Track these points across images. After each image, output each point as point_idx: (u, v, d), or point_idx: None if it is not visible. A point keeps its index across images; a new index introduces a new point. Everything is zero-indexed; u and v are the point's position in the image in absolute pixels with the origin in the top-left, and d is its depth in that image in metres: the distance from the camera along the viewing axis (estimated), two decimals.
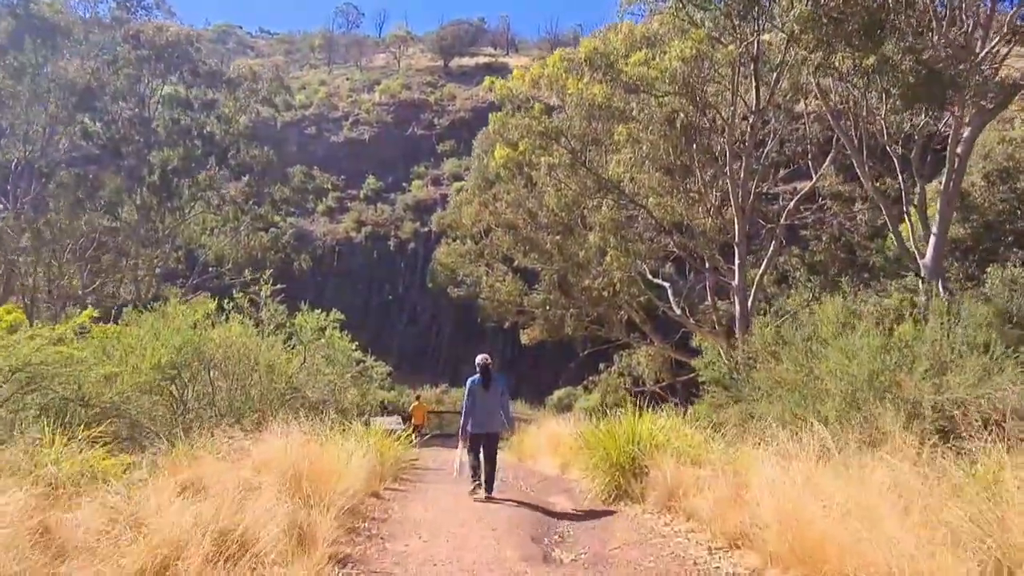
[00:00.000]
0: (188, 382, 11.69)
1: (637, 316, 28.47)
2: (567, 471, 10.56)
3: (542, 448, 12.99)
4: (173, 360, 11.16)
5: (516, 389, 42.35)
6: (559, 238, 25.02)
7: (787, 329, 14.72)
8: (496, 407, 9.27)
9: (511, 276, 28.77)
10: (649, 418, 8.21)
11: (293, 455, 6.68)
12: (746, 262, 23.25)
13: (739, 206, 22.89)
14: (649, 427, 7.88)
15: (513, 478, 11.02)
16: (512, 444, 16.54)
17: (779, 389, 13.25)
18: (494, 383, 9.31)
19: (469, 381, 9.51)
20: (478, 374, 9.37)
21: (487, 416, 9.19)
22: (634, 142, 20.56)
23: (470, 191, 27.19)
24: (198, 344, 11.66)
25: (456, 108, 57.43)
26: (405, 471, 10.30)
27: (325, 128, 57.48)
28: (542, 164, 21.84)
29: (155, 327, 11.64)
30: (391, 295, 49.40)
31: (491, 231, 27.67)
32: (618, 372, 31.75)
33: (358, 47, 72.08)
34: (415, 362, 46.75)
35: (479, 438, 9.19)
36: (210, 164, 30.74)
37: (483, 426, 9.17)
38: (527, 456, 14.09)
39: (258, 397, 11.42)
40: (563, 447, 11.03)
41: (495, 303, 28.41)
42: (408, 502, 8.12)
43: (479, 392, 9.24)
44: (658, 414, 8.98)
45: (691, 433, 8.02)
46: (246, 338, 12.17)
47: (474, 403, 9.28)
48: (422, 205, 50.84)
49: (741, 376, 15.11)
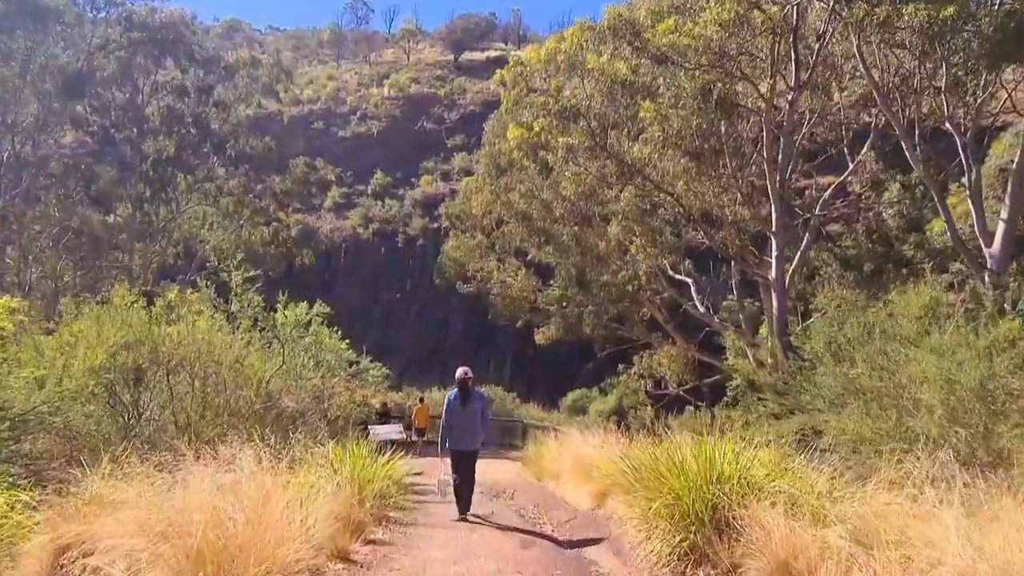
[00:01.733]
0: (140, 388, 9.50)
1: (660, 314, 26.12)
2: (604, 504, 8.27)
3: (567, 469, 10.68)
4: (117, 361, 8.98)
5: (528, 392, 40.13)
6: (577, 228, 22.71)
7: (852, 326, 12.32)
8: (475, 424, 8.74)
9: (524, 271, 26.47)
10: (732, 443, 5.91)
11: (217, 507, 4.41)
12: (783, 254, 20.86)
13: (775, 192, 20.52)
14: (735, 456, 5.58)
15: (534, 508, 8.76)
16: (529, 458, 14.27)
17: (851, 398, 10.93)
18: (472, 400, 8.79)
19: (447, 397, 8.99)
20: (456, 389, 8.81)
21: (465, 434, 8.69)
22: (662, 120, 18.22)
23: (480, 178, 24.91)
24: (152, 341, 9.46)
25: (466, 102, 55.19)
26: (398, 502, 8.03)
27: (332, 123, 55.41)
28: (560, 145, 19.53)
29: (100, 320, 9.45)
30: (399, 293, 47.23)
31: (503, 223, 25.40)
32: (638, 374, 29.34)
33: (367, 42, 70.01)
34: (424, 363, 44.52)
35: (456, 455, 8.71)
36: (206, 153, 28.60)
37: (460, 444, 8.69)
38: (548, 475, 11.81)
39: (222, 408, 9.20)
40: (597, 471, 8.76)
41: (507, 300, 26.12)
42: (395, 564, 5.81)
43: (457, 409, 8.71)
44: (727, 432, 6.66)
45: (799, 470, 5.70)
46: (212, 335, 9.95)
47: (452, 420, 8.72)
48: (431, 201, 48.63)
49: (795, 382, 12.75)
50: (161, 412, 9.38)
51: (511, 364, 43.51)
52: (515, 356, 44.08)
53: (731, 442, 5.90)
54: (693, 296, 26.47)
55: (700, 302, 26.48)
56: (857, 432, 9.97)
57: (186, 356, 9.61)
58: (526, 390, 39.85)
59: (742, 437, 14.15)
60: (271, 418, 9.70)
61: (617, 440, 10.85)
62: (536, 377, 43.08)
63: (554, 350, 40.79)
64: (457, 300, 42.74)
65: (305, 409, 10.34)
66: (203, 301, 10.89)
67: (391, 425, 16.29)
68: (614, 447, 10.09)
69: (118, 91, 28.26)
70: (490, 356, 43.95)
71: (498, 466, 16.36)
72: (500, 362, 43.83)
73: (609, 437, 11.48)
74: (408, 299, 46.99)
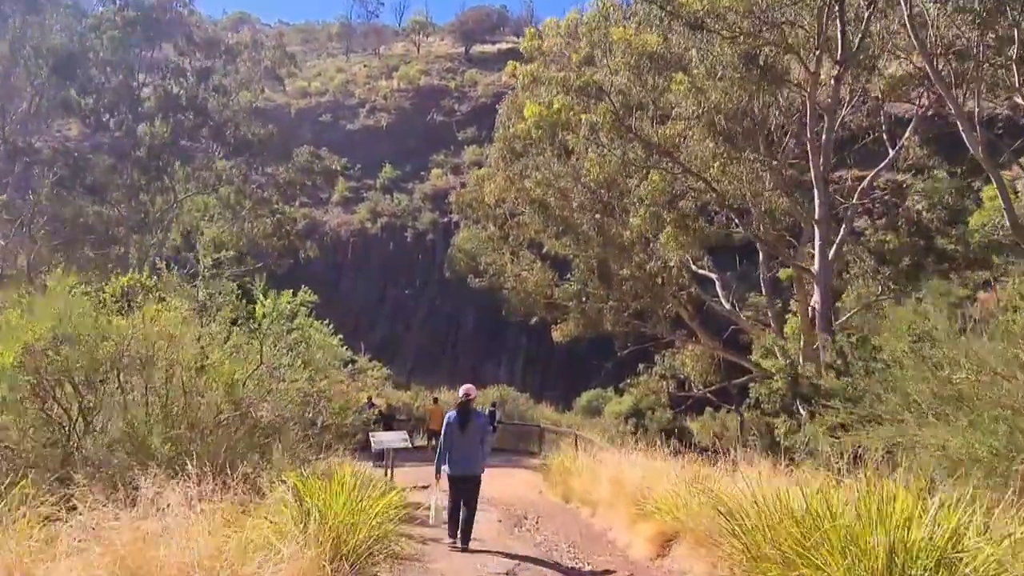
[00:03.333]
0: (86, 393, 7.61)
1: (685, 311, 24.05)
2: (669, 551, 6.24)
3: (605, 494, 8.66)
4: (47, 360, 7.08)
5: (541, 391, 38.13)
6: (598, 217, 20.69)
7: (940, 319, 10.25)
8: (475, 448, 8.01)
9: (540, 264, 24.46)
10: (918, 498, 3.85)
11: None
12: (828, 243, 18.78)
13: (820, 175, 18.47)
14: (917, 509, 3.51)
15: (570, 549, 6.78)
16: (552, 472, 12.29)
17: (951, 407, 8.91)
18: (473, 423, 8.02)
19: (447, 416, 8.24)
20: (456, 410, 8.11)
21: (464, 458, 7.94)
22: (697, 93, 16.18)
23: (493, 164, 22.92)
24: (96, 335, 7.56)
25: (478, 94, 53.19)
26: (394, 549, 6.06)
27: (341, 115, 53.53)
28: (582, 124, 17.52)
29: (28, 308, 7.54)
30: (408, 289, 45.30)
31: (517, 212, 23.40)
32: (659, 374, 27.30)
33: (377, 35, 68.17)
34: (434, 360, 42.60)
35: (455, 480, 7.96)
36: (204, 140, 26.75)
37: (460, 468, 7.93)
38: (579, 498, 9.82)
39: (178, 419, 7.27)
40: (652, 502, 6.76)
41: (522, 295, 24.10)
42: None
43: (455, 432, 7.97)
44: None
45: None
46: (172, 327, 8.03)
47: (450, 443, 8.00)
48: (441, 195, 46.65)
49: (869, 386, 10.69)
50: (107, 424, 7.48)
51: (523, 363, 41.55)
52: (528, 354, 42.11)
53: (915, 495, 3.85)
54: (718, 292, 24.47)
55: (725, 298, 24.46)
56: (968, 450, 7.97)
57: (138, 353, 7.70)
58: (539, 390, 37.87)
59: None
60: (243, 431, 7.76)
61: (665, 456, 8.84)
62: (549, 377, 41.05)
63: (569, 349, 38.75)
64: (468, 295, 40.74)
65: (288, 418, 8.40)
66: (169, 289, 8.97)
67: (395, 433, 14.34)
68: (665, 465, 8.08)
69: (111, 74, 26.43)
70: (502, 354, 41.99)
71: (515, 478, 14.37)
72: (512, 361, 41.86)
73: (653, 451, 9.47)
74: (417, 295, 45.07)
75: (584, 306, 22.46)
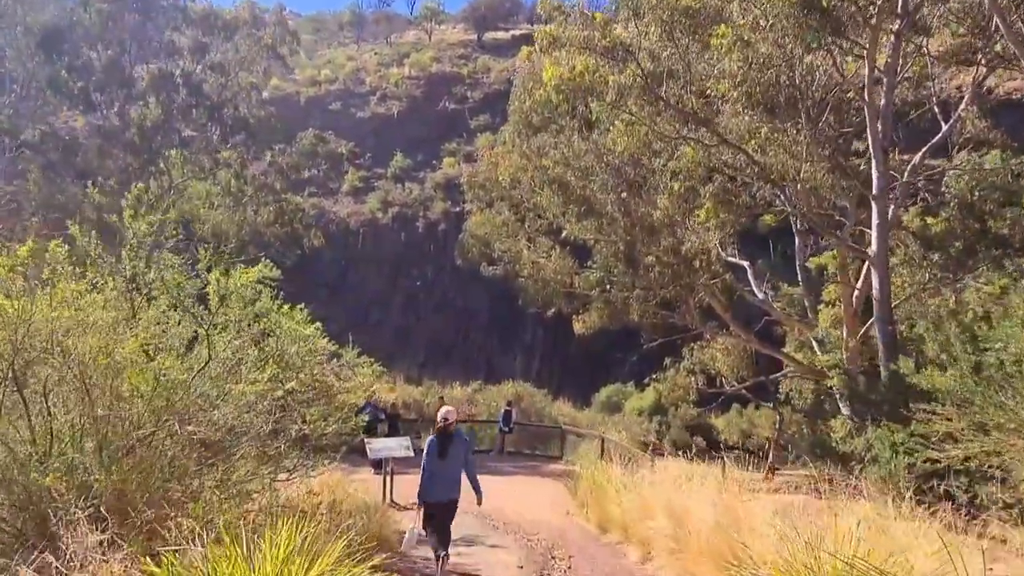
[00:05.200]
0: None
1: (717, 300, 21.73)
2: None
3: (664, 529, 6.41)
4: None
5: (558, 387, 35.93)
6: (624, 196, 18.40)
7: None
8: (455, 474, 7.53)
9: (558, 251, 22.20)
10: None
11: None
12: (887, 221, 16.40)
13: (878, 143, 16.10)
14: None
15: None
16: (582, 488, 10.06)
17: None
18: (454, 448, 7.50)
19: (428, 441, 7.75)
20: (435, 436, 7.57)
21: (443, 485, 7.44)
22: (743, 47, 13.84)
23: (509, 139, 20.68)
24: None
25: (491, 81, 50.88)
26: None
27: (351, 103, 51.40)
28: (609, 88, 15.20)
29: None
30: (419, 281, 43.18)
31: (534, 194, 21.14)
32: (687, 369, 24.92)
33: (388, 24, 65.99)
34: (446, 355, 40.51)
35: (432, 507, 7.46)
36: (199, 121, 24.69)
37: (434, 495, 7.43)
38: (620, 529, 7.61)
39: (72, 438, 5.13)
40: (752, 558, 4.52)
41: (539, 283, 21.86)
42: None
43: (434, 459, 7.46)
44: None
45: None
46: (83, 313, 5.89)
47: (429, 470, 7.45)
48: (453, 184, 44.45)
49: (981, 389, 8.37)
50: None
51: (540, 357, 39.39)
52: (544, 349, 39.94)
53: None
54: (750, 281, 22.14)
55: (758, 287, 22.13)
56: None
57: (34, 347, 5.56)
58: (556, 385, 35.70)
59: None
60: (174, 452, 5.59)
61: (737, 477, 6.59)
62: (567, 372, 38.84)
63: (587, 343, 36.43)
64: (482, 287, 38.56)
65: (241, 431, 6.24)
66: (91, 262, 6.83)
67: (395, 439, 12.22)
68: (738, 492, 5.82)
69: (102, 50, 24.41)
70: (517, 348, 39.84)
71: (537, 492, 12.20)
72: (528, 355, 39.69)
73: (714, 469, 7.22)
74: (429, 287, 42.96)
75: (608, 295, 20.19)
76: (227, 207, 27.73)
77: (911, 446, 9.74)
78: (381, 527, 7.54)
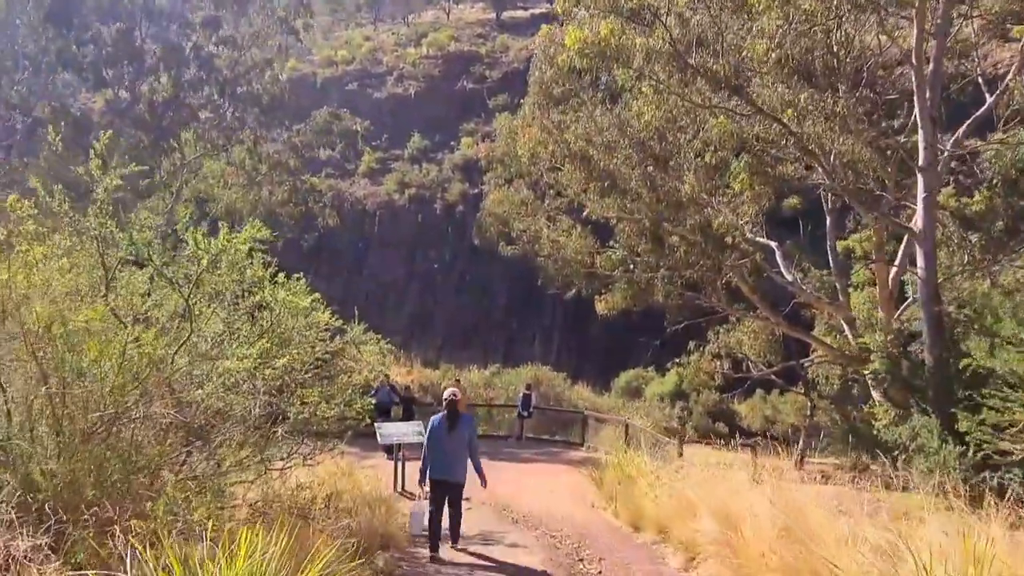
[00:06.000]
0: None
1: (745, 282, 20.65)
2: None
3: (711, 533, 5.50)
4: None
5: (577, 371, 35.02)
6: (650, 170, 17.36)
7: None
8: (461, 452, 7.41)
9: (579, 229, 21.22)
10: None
11: None
12: (934, 196, 15.23)
13: (926, 111, 14.91)
14: None
15: None
16: (605, 477, 9.18)
17: None
18: (461, 424, 7.44)
19: (432, 419, 7.71)
20: (443, 412, 7.53)
21: (450, 462, 7.32)
22: (783, 3, 12.71)
23: (528, 111, 19.66)
24: None
25: (510, 59, 49.62)
26: None
27: (368, 84, 50.47)
28: (636, 51, 14.14)
29: None
30: (437, 263, 42.37)
31: (555, 170, 20.15)
32: (712, 353, 23.85)
33: (406, 3, 64.83)
34: (465, 338, 39.73)
35: (441, 485, 7.31)
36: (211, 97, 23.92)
37: (445, 472, 7.31)
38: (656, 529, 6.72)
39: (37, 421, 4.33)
40: None
41: (559, 263, 20.91)
42: None
43: (442, 435, 7.40)
44: None
45: None
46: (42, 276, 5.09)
47: (434, 446, 7.42)
48: (471, 165, 43.46)
49: None
50: None
51: (559, 340, 38.49)
52: (563, 332, 39.02)
53: None
54: (778, 262, 21.04)
55: (786, 269, 21.03)
56: None
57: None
58: (574, 370, 34.78)
59: None
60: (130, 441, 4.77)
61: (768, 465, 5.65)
62: (586, 355, 37.92)
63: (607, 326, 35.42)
64: (500, 269, 37.67)
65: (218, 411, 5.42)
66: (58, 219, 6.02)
67: (406, 424, 11.41)
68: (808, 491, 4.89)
69: (111, 23, 23.69)
70: (536, 331, 38.96)
71: (557, 482, 11.33)
72: (547, 338, 38.79)
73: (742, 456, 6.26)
74: (447, 269, 42.13)
75: (631, 275, 19.21)
76: (240, 186, 27.05)
77: (980, 436, 8.72)
78: (386, 522, 6.71)
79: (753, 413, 33.42)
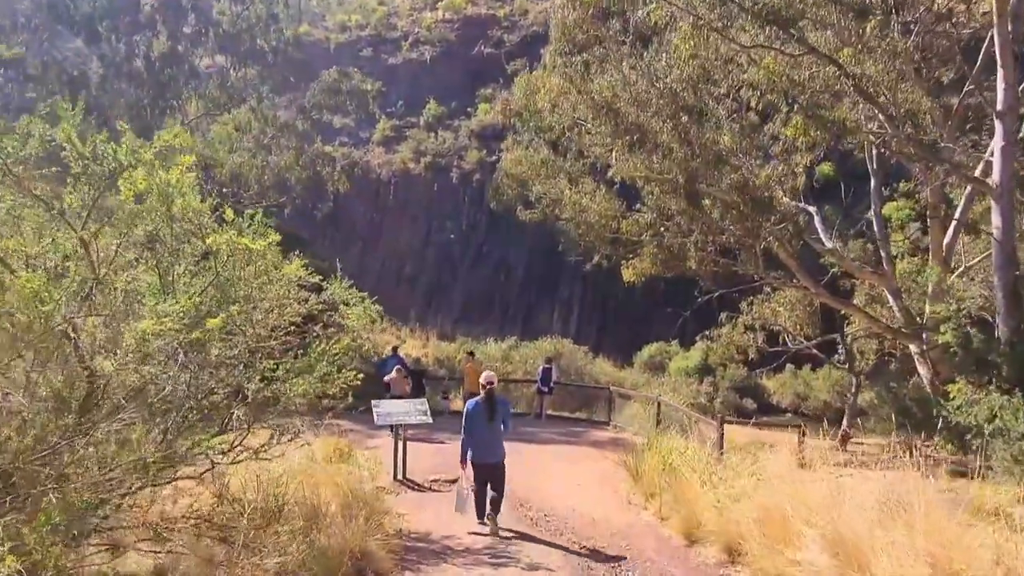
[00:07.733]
0: None
1: (784, 248, 18.74)
2: None
3: (815, 558, 3.85)
4: None
5: (598, 344, 33.40)
6: (685, 120, 15.46)
7: None
8: (499, 435, 7.49)
9: (604, 191, 19.37)
10: None
11: None
12: (1015, 144, 13.19)
13: (1006, 45, 12.84)
14: None
15: None
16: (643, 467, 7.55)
17: None
18: (499, 409, 7.52)
19: (469, 403, 7.73)
20: (481, 397, 7.54)
21: (490, 445, 7.43)
22: None
23: (550, 60, 17.77)
24: None
25: (528, 22, 47.31)
26: None
27: (382, 50, 48.53)
28: None
29: None
30: (453, 233, 40.75)
31: (578, 124, 18.28)
32: (745, 325, 22.05)
33: None
34: (483, 310, 38.25)
35: (484, 468, 7.40)
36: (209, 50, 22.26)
37: (486, 456, 7.40)
38: (724, 548, 5.08)
39: None
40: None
41: (582, 227, 19.11)
42: None
43: (482, 420, 7.41)
44: None
45: None
46: None
47: (473, 431, 7.45)
48: (489, 131, 41.58)
49: None
50: None
51: (579, 313, 36.83)
52: (583, 304, 37.36)
53: None
54: (818, 229, 19.15)
55: (826, 236, 19.12)
56: None
57: None
58: (595, 343, 33.11)
59: None
60: None
61: None
62: (607, 328, 36.25)
63: (629, 298, 33.68)
64: (518, 239, 35.96)
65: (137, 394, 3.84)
66: None
67: (408, 402, 9.82)
68: None
69: None
70: (556, 303, 37.32)
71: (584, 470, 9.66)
72: (567, 310, 37.14)
73: None
74: (464, 239, 40.51)
75: (662, 238, 17.40)
76: (246, 149, 25.48)
77: None
78: (365, 534, 5.08)
79: (783, 389, 31.58)
